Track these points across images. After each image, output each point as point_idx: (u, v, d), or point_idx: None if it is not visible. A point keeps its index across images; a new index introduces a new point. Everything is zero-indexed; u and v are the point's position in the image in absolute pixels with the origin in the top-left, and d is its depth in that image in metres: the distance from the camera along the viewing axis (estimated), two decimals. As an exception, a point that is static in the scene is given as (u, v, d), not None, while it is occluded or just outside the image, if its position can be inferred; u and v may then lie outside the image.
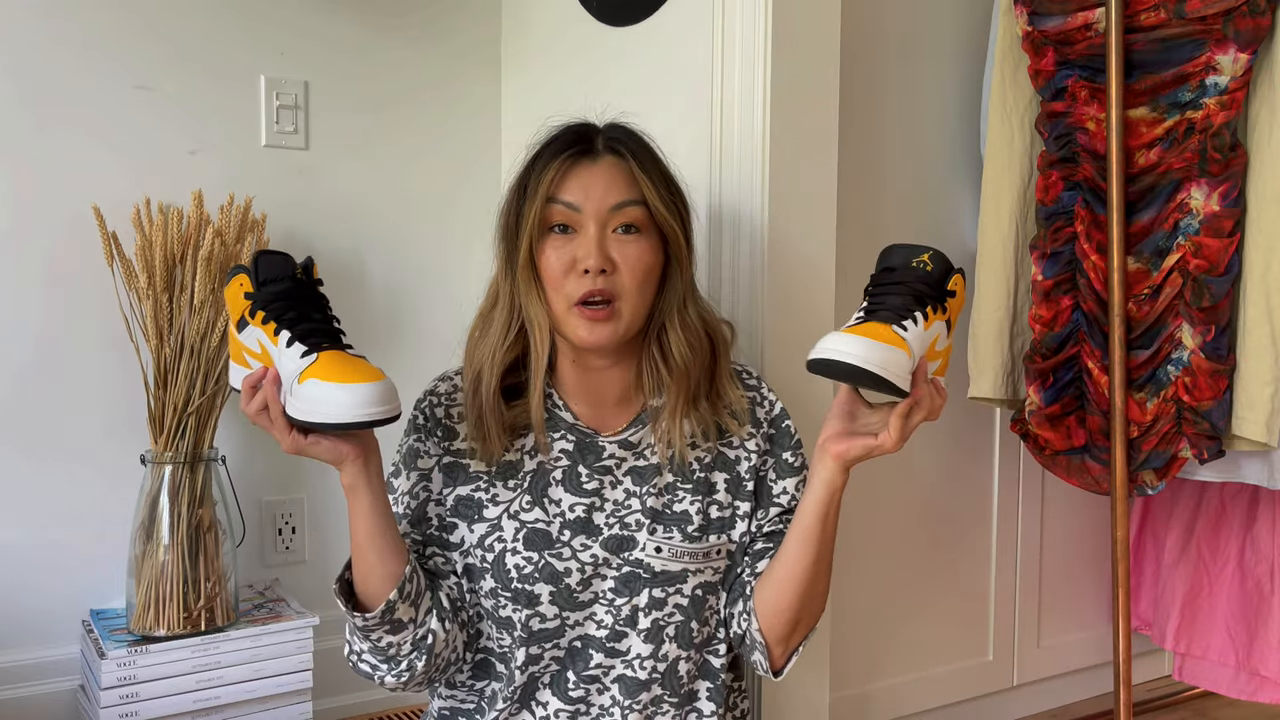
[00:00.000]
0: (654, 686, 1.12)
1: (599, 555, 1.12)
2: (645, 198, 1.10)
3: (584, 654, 1.12)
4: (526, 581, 1.10)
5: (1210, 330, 1.51)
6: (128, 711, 1.45)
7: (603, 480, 1.14)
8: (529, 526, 1.12)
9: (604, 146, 1.12)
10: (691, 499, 1.14)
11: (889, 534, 1.81)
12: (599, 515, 1.13)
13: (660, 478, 1.14)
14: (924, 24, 1.80)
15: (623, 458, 1.15)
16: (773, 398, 1.21)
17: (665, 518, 1.13)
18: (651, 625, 1.11)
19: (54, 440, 1.59)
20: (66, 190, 1.57)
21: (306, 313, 1.01)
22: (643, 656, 1.12)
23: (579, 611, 1.12)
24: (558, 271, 1.08)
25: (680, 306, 1.13)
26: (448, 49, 1.87)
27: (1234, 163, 1.49)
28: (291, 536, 1.78)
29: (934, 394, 1.02)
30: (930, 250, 1.05)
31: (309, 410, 0.96)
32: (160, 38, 1.63)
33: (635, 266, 1.09)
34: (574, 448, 1.15)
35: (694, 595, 1.13)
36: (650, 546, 1.12)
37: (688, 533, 1.13)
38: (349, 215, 1.79)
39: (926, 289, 1.04)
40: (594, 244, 1.07)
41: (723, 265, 1.44)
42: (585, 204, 1.08)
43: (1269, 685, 1.89)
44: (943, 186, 1.84)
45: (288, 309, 1.01)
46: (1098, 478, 1.66)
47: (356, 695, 1.78)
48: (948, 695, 1.91)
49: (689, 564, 1.13)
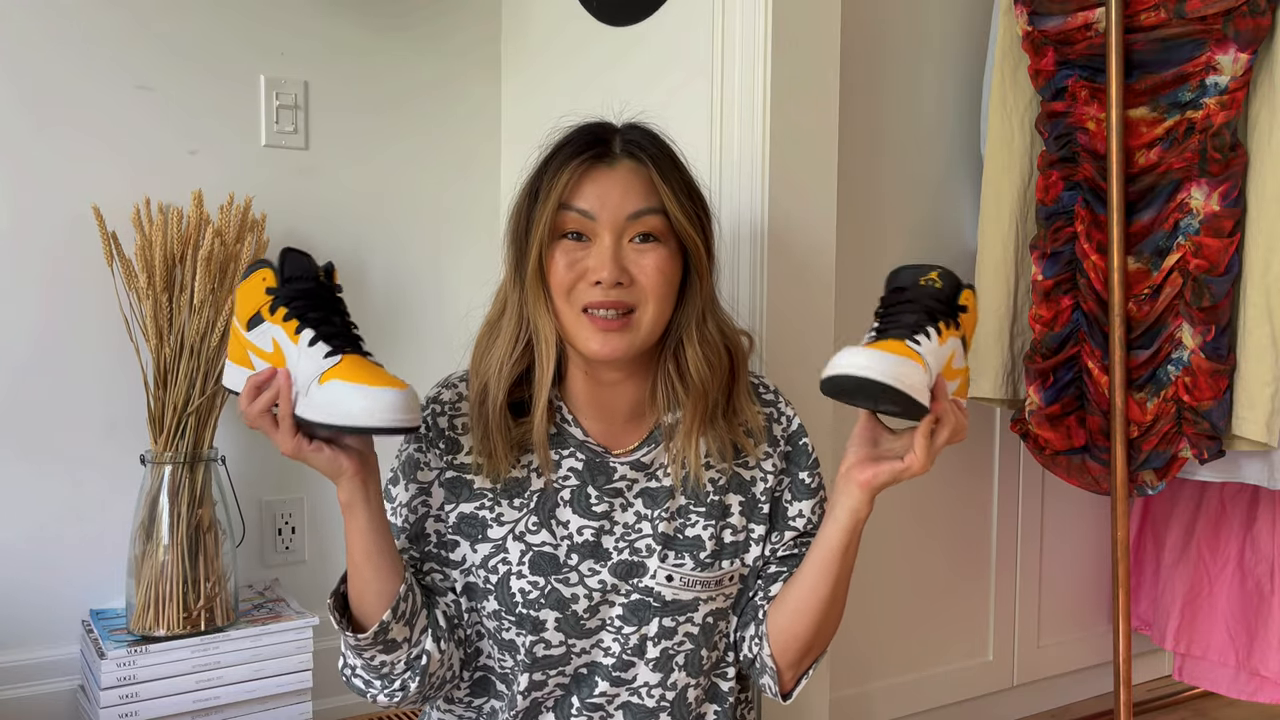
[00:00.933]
0: (662, 715, 1.09)
1: (607, 581, 1.07)
2: (665, 206, 1.03)
3: (590, 681, 1.08)
4: (532, 607, 1.05)
5: (1210, 330, 1.51)
6: (127, 711, 1.45)
7: (613, 503, 1.08)
8: (535, 550, 1.06)
9: (621, 150, 1.05)
10: (705, 523, 1.09)
11: (889, 534, 1.81)
12: (608, 539, 1.07)
13: (673, 501, 1.09)
14: (924, 24, 1.80)
15: (634, 479, 1.09)
16: (790, 413, 1.16)
17: (677, 543, 1.08)
18: (660, 654, 1.08)
19: (54, 440, 1.59)
20: (66, 190, 1.57)
21: (328, 315, 0.98)
22: (650, 685, 1.08)
23: (586, 639, 1.07)
24: (567, 280, 1.02)
25: (699, 320, 1.07)
26: (448, 49, 1.87)
27: (1234, 163, 1.49)
28: (291, 536, 1.78)
29: (957, 411, 0.99)
30: (939, 268, 1.03)
31: (327, 411, 0.93)
32: (160, 38, 1.63)
33: (653, 277, 1.02)
34: (584, 467, 1.09)
35: (705, 623, 1.09)
36: (661, 575, 1.07)
37: (700, 559, 1.08)
38: (349, 215, 1.79)
39: (937, 304, 1.01)
40: (609, 255, 1.01)
41: (722, 266, 1.43)
42: (601, 212, 1.02)
43: (1269, 685, 1.89)
44: (943, 186, 1.84)
45: (311, 308, 0.98)
46: (1098, 478, 1.66)
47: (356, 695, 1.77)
48: (948, 695, 1.91)
49: (700, 593, 1.08)
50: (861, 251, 1.71)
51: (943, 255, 1.83)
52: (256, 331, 1.01)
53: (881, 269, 1.77)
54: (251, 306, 1.01)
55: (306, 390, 0.95)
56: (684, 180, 1.06)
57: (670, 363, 1.08)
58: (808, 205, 1.43)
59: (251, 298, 1.01)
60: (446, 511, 1.09)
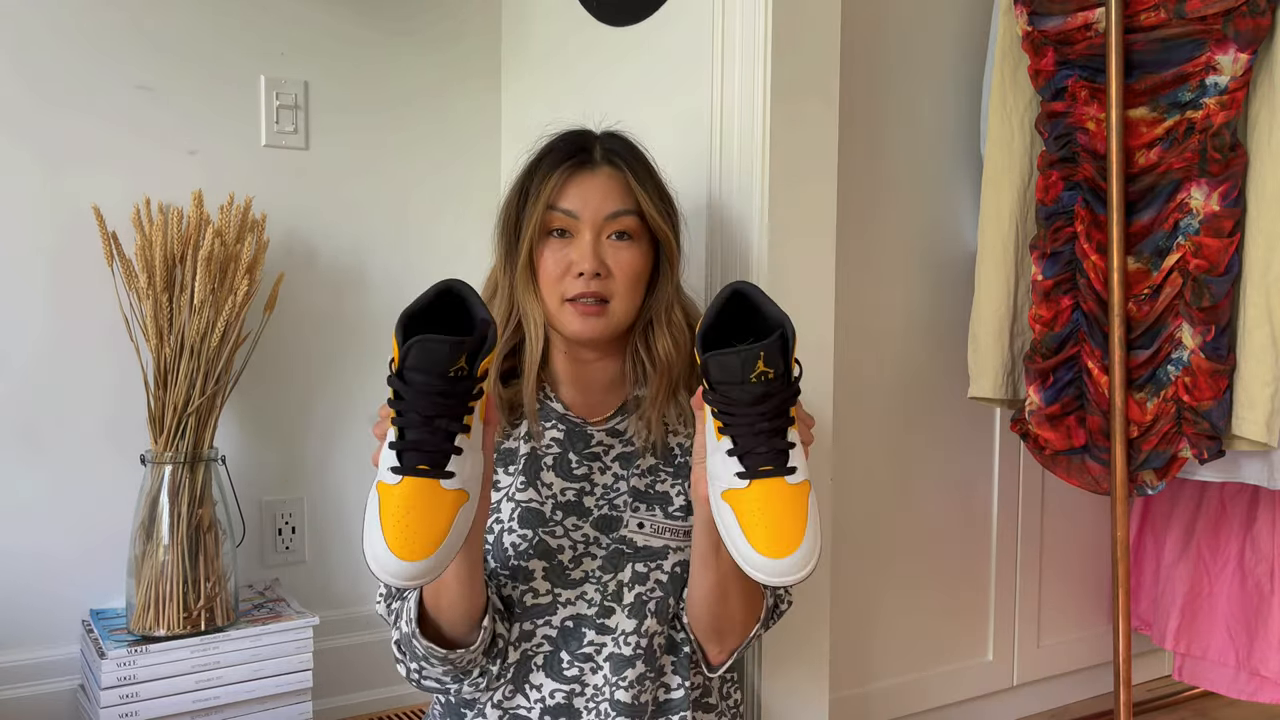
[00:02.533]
0: (638, 663, 1.15)
1: (589, 534, 1.18)
2: (640, 208, 1.18)
3: (576, 633, 1.16)
4: (521, 558, 1.15)
5: (1210, 330, 1.51)
6: (128, 711, 1.45)
7: (591, 466, 1.20)
8: (523, 506, 1.17)
9: (602, 157, 1.20)
10: (674, 481, 1.21)
11: (889, 534, 1.81)
12: (589, 499, 1.19)
13: (643, 460, 1.21)
14: (924, 24, 1.80)
15: (611, 444, 1.22)
16: None
17: (648, 497, 1.20)
18: (635, 600, 1.16)
19: (54, 440, 1.59)
20: (66, 190, 1.57)
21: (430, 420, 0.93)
22: (627, 632, 1.15)
23: (571, 590, 1.16)
24: (555, 273, 1.16)
25: (668, 306, 1.21)
26: (448, 49, 1.87)
27: (1234, 163, 1.49)
28: (291, 536, 1.78)
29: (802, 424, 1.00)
30: (756, 346, 0.94)
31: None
32: (160, 38, 1.63)
33: (627, 270, 1.17)
34: (564, 436, 1.21)
35: (673, 572, 1.17)
36: (633, 523, 1.18)
37: (669, 512, 1.19)
38: (349, 215, 1.79)
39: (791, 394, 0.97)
40: (589, 249, 1.15)
41: (722, 266, 1.44)
42: (583, 211, 1.16)
43: (1269, 685, 1.88)
44: (943, 186, 1.84)
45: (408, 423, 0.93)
46: (1098, 478, 1.66)
47: (356, 695, 1.78)
48: (948, 695, 1.91)
49: (670, 540, 1.18)
50: (861, 252, 1.71)
51: (943, 255, 1.83)
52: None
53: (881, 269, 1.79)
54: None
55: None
56: (656, 184, 1.22)
57: (640, 343, 1.22)
58: (808, 205, 1.43)
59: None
60: None
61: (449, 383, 0.91)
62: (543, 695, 1.15)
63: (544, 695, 1.15)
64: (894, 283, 1.79)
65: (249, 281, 1.56)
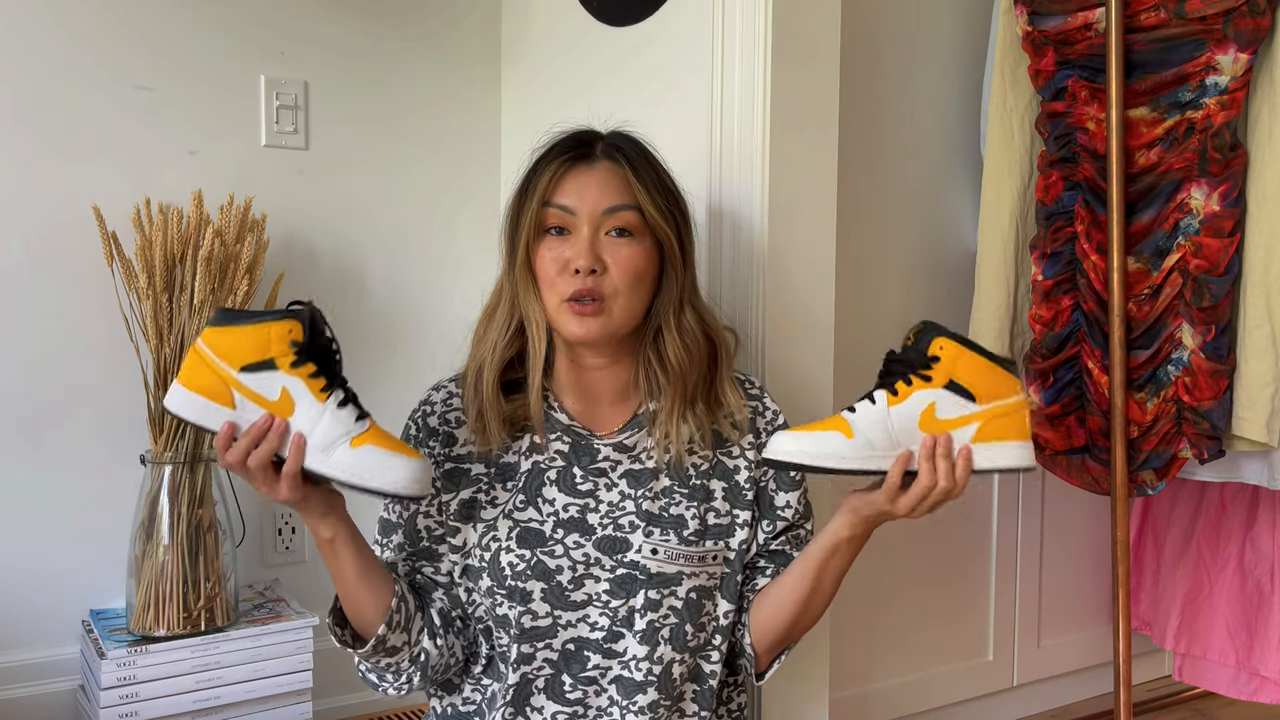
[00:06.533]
0: (649, 690, 1.12)
1: (591, 555, 1.13)
2: (639, 203, 1.12)
3: (579, 656, 1.12)
4: (519, 579, 1.11)
5: (1210, 330, 1.51)
6: (128, 711, 1.45)
7: (597, 482, 1.15)
8: (522, 525, 1.13)
9: (602, 152, 1.15)
10: (688, 504, 1.15)
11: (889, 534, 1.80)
12: (593, 516, 1.14)
13: (656, 482, 1.15)
14: (924, 24, 1.80)
15: (618, 460, 1.16)
16: (775, 408, 1.22)
17: (661, 520, 1.14)
18: (647, 627, 1.12)
19: (54, 440, 1.59)
20: (66, 190, 1.57)
21: (346, 381, 1.04)
22: (638, 658, 1.12)
23: (572, 612, 1.12)
24: (552, 271, 1.11)
25: (676, 310, 1.15)
26: (448, 49, 1.86)
27: (1234, 163, 1.49)
28: (291, 536, 1.78)
29: (933, 467, 1.05)
30: (919, 324, 1.08)
31: (354, 473, 0.99)
32: (161, 38, 1.63)
33: (625, 268, 1.11)
34: (569, 449, 1.16)
35: (689, 599, 1.13)
36: (646, 548, 1.13)
37: (684, 536, 1.14)
38: (349, 215, 1.79)
39: (895, 365, 1.07)
40: (585, 245, 1.10)
41: (722, 266, 1.44)
42: (580, 206, 1.11)
43: (1269, 685, 1.89)
44: (943, 186, 1.84)
45: (339, 369, 1.04)
46: (1098, 478, 1.66)
47: (356, 695, 1.78)
48: (948, 695, 1.91)
49: (684, 567, 1.13)
50: (862, 252, 1.71)
51: (943, 255, 1.83)
52: (259, 377, 1.00)
53: (881, 270, 1.79)
54: (259, 352, 1.01)
55: (328, 448, 1.00)
56: (659, 180, 1.15)
57: (651, 350, 1.16)
58: (808, 205, 1.43)
59: (261, 344, 1.01)
60: (447, 501, 1.16)
61: (338, 351, 1.05)
62: (545, 718, 1.12)
63: (546, 718, 1.12)
64: (894, 282, 1.79)
65: (249, 282, 1.56)
